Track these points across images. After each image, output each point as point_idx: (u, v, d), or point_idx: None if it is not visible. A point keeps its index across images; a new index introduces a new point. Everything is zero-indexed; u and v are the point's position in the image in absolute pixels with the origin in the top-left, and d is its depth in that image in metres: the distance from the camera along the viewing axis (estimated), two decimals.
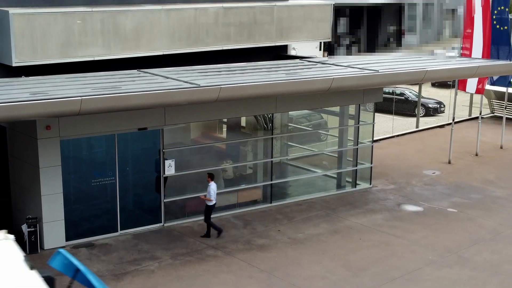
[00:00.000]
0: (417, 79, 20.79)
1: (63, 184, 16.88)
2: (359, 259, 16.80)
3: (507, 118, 28.86)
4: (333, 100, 20.53)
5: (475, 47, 25.23)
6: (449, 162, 25.07)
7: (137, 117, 17.31)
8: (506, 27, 25.17)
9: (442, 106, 35.65)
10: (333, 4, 23.65)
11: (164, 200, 18.64)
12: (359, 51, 54.24)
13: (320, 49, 47.41)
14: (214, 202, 18.05)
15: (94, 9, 18.29)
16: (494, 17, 25.27)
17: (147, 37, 19.26)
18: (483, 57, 24.98)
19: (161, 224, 18.72)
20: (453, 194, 21.73)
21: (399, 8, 56.25)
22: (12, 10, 16.99)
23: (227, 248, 17.31)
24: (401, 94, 35.68)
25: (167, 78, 17.13)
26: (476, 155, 26.14)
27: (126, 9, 18.86)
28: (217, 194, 19.34)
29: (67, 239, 17.26)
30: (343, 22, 54.03)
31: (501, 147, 27.26)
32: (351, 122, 21.84)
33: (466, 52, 25.71)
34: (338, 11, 45.61)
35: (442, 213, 20.09)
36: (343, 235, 18.34)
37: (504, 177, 23.58)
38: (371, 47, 54.55)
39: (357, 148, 22.00)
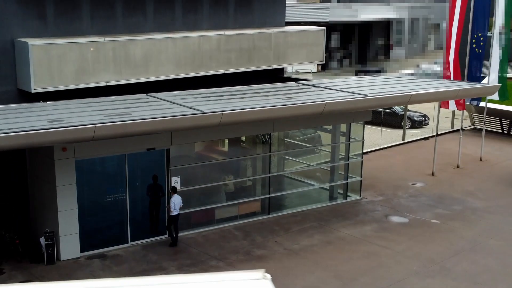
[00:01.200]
0: (403, 102, 20.97)
1: (78, 200, 17.04)
2: (349, 270, 16.93)
3: (486, 131, 28.99)
4: (326, 120, 20.67)
5: (450, 61, 25.30)
6: (433, 174, 25.17)
7: (146, 138, 17.45)
8: (481, 50, 25.30)
9: (426, 118, 35.75)
10: (328, 21, 23.80)
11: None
12: (351, 64, 54.36)
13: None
14: (176, 213, 18.12)
15: (106, 38, 18.43)
16: (474, 40, 25.40)
17: (155, 63, 19.40)
18: (454, 71, 24.98)
19: (167, 235, 18.84)
20: (436, 206, 21.84)
21: (388, 24, 56.43)
22: (31, 41, 17.14)
23: (229, 259, 17.43)
24: (389, 107, 35.78)
25: (173, 103, 17.25)
26: (458, 167, 26.23)
27: (135, 38, 19.00)
28: (219, 207, 19.49)
29: (82, 251, 17.42)
30: (335, 37, 54.10)
31: (481, 159, 27.32)
32: (343, 139, 21.95)
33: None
34: (331, 27, 45.69)
35: (425, 224, 20.21)
36: (335, 246, 18.46)
37: (483, 189, 23.69)
38: (362, 60, 54.68)
39: (348, 163, 22.12)
